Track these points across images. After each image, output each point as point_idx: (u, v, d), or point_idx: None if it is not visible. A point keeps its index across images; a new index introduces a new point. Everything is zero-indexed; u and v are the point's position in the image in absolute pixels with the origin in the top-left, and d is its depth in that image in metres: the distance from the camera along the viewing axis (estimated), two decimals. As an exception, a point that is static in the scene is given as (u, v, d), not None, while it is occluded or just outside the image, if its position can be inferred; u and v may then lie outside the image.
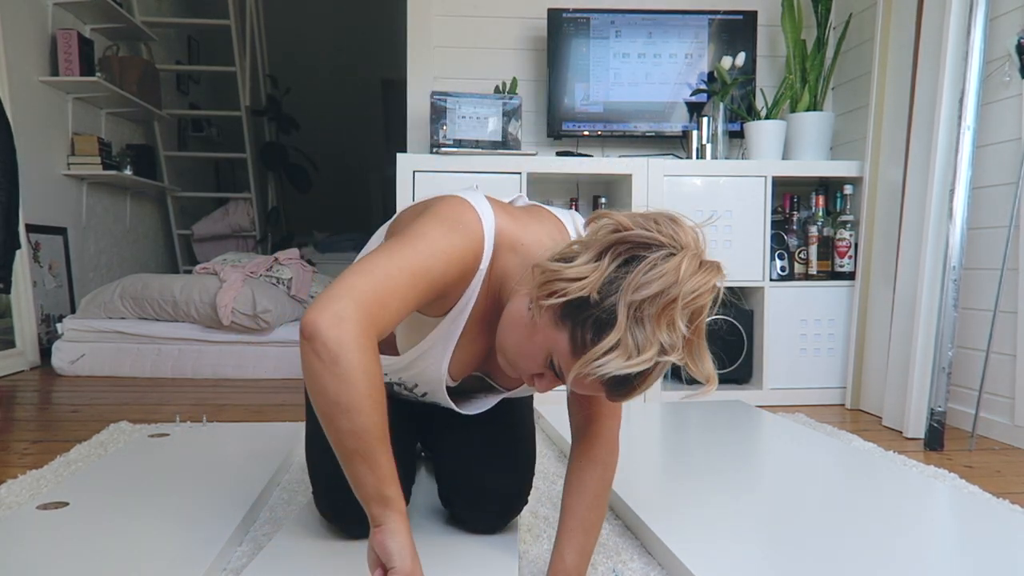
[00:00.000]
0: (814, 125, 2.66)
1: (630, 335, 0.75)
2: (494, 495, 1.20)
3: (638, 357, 0.75)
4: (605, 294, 0.77)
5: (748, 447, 1.78)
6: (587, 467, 1.05)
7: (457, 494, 1.23)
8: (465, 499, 1.22)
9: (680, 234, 0.79)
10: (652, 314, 0.75)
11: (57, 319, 3.24)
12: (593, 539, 1.05)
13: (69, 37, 3.47)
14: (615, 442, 1.07)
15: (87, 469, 1.57)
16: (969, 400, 2.08)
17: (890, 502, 1.37)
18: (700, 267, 0.78)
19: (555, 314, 0.80)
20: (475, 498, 1.21)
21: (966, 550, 1.17)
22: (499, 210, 0.96)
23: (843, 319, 2.56)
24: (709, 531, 1.21)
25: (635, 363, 0.75)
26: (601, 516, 1.06)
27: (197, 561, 1.09)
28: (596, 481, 1.05)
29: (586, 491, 1.04)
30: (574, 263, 0.79)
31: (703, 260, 0.79)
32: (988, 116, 2.07)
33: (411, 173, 2.45)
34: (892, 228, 2.34)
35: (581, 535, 1.04)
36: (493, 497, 1.20)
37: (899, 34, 2.36)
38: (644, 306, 0.75)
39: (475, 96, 2.56)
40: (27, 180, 2.98)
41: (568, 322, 0.79)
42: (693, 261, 0.77)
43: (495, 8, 2.91)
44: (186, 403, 2.42)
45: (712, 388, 0.81)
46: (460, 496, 1.23)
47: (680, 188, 2.53)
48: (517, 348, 0.87)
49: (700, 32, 2.79)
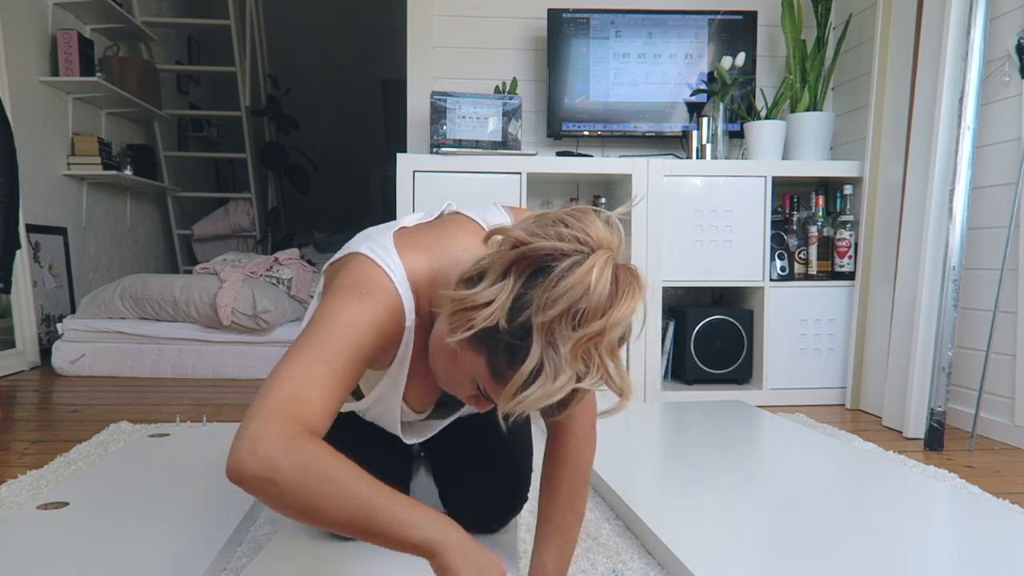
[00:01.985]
0: (814, 125, 2.66)
1: (547, 360, 0.71)
2: (493, 495, 1.20)
3: (554, 384, 0.71)
4: (514, 317, 0.72)
5: (748, 447, 1.78)
6: (558, 466, 1.00)
7: (456, 494, 1.23)
8: (464, 499, 1.22)
9: (590, 231, 0.73)
10: (565, 335, 0.70)
11: (57, 319, 3.24)
12: (572, 539, 1.02)
13: (69, 37, 3.47)
14: (588, 435, 1.01)
15: (87, 469, 1.57)
16: (969, 400, 2.08)
17: (890, 502, 1.37)
18: (615, 278, 0.72)
19: (471, 342, 0.77)
20: (474, 498, 1.21)
21: (966, 550, 1.17)
22: (407, 248, 0.89)
23: (843, 319, 2.56)
24: (709, 531, 1.21)
25: (555, 390, 0.71)
26: (579, 513, 1.01)
27: (197, 561, 1.09)
28: (569, 479, 1.00)
29: (560, 492, 1.00)
30: (479, 288, 0.74)
31: (617, 265, 0.73)
32: (988, 116, 2.07)
33: (411, 173, 2.46)
34: (892, 228, 2.34)
35: (559, 538, 1.00)
36: (492, 497, 1.20)
37: (899, 34, 2.36)
38: (554, 327, 0.70)
39: (475, 96, 2.56)
40: (27, 180, 2.99)
41: (484, 348, 0.75)
42: (605, 268, 0.71)
43: (495, 8, 2.91)
44: (186, 403, 2.42)
45: (626, 403, 0.76)
46: (459, 496, 1.23)
47: (680, 188, 2.53)
48: (446, 374, 0.85)
49: (700, 32, 2.80)
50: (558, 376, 0.71)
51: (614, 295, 0.71)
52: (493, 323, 0.73)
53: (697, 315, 2.58)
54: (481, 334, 0.75)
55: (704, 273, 2.55)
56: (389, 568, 1.08)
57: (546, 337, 0.71)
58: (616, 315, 0.71)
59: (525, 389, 0.72)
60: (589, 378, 0.72)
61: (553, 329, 0.70)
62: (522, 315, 0.72)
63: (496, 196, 2.47)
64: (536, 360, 0.71)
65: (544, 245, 0.72)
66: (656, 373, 2.52)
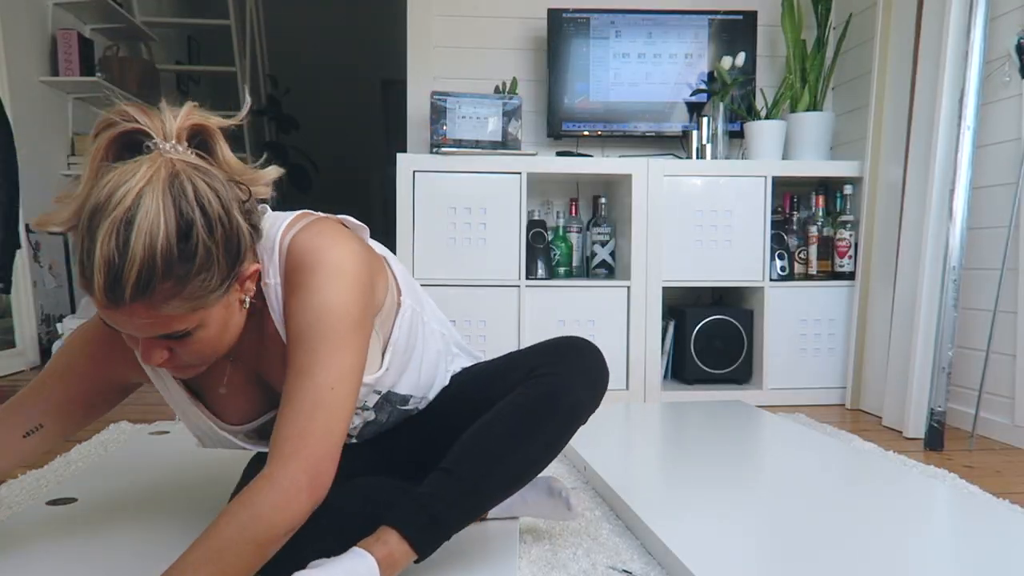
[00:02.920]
0: (814, 125, 2.66)
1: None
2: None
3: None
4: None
5: (748, 447, 1.78)
6: (231, 506, 0.84)
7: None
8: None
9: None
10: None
11: (57, 319, 3.24)
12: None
13: (69, 37, 3.47)
14: (292, 495, 0.83)
15: (91, 466, 1.58)
16: (969, 400, 2.08)
17: (890, 502, 1.37)
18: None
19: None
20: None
21: (966, 550, 1.17)
22: None
23: (843, 319, 2.56)
24: (709, 531, 1.21)
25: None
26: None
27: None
28: (226, 529, 0.82)
29: (208, 537, 0.83)
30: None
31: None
32: (988, 116, 2.07)
33: (411, 173, 2.46)
34: (892, 228, 2.34)
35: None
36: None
37: (899, 34, 2.36)
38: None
39: (475, 96, 2.56)
40: (27, 180, 2.98)
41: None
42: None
43: (495, 8, 2.91)
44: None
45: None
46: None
47: (680, 188, 2.53)
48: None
49: (700, 32, 2.80)
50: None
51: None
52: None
53: (697, 315, 2.58)
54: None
55: (704, 273, 2.55)
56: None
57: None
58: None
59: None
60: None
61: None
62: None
63: (496, 196, 2.47)
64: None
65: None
66: (656, 373, 2.52)
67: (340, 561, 0.90)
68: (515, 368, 1.10)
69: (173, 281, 0.77)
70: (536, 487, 1.24)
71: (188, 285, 0.78)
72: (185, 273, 0.77)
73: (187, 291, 0.78)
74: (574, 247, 2.76)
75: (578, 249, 2.79)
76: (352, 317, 0.89)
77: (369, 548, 0.92)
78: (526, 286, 2.49)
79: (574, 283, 2.53)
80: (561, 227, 2.73)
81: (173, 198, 0.76)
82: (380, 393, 1.08)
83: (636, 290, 2.51)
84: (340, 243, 0.92)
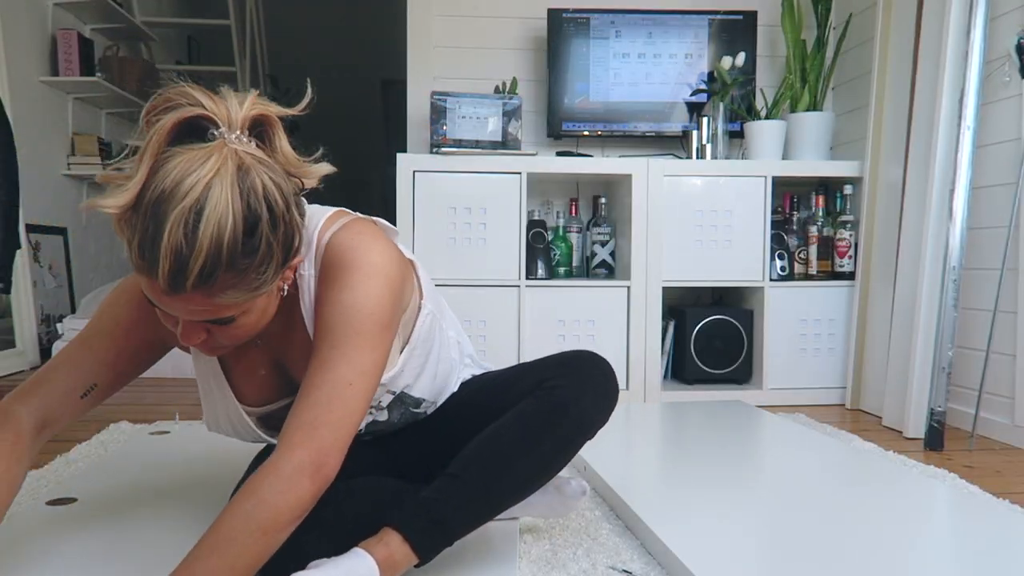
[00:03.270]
0: (814, 125, 2.66)
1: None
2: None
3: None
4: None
5: (748, 447, 1.78)
6: (237, 497, 0.85)
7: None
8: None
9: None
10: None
11: (57, 319, 3.24)
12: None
13: (69, 37, 3.47)
14: (294, 479, 0.83)
15: (91, 466, 1.58)
16: (969, 400, 2.08)
17: (890, 502, 1.37)
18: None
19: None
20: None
21: (966, 550, 1.17)
22: None
23: (843, 319, 2.56)
24: (709, 531, 1.21)
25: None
26: (216, 569, 0.81)
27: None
28: (232, 520, 0.83)
29: (212, 531, 0.83)
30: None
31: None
32: (988, 116, 2.07)
33: (411, 173, 2.46)
34: (892, 228, 2.34)
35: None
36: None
37: (899, 34, 2.36)
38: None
39: (475, 96, 2.56)
40: (27, 180, 2.98)
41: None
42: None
43: (495, 8, 2.91)
44: (186, 403, 2.42)
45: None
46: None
47: (680, 188, 2.53)
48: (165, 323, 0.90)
49: (700, 32, 2.80)
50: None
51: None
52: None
53: (697, 315, 2.58)
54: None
55: (704, 273, 2.55)
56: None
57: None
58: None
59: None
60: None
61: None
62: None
63: (496, 196, 2.47)
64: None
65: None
66: (656, 373, 2.52)
67: (340, 561, 0.90)
68: (525, 379, 1.10)
69: (234, 273, 0.78)
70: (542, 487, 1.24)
71: (246, 277, 0.79)
72: (246, 266, 0.78)
73: (244, 282, 0.80)
74: (574, 247, 2.76)
75: (578, 249, 2.79)
76: (381, 318, 0.90)
77: (370, 549, 0.92)
78: (526, 286, 2.49)
79: (574, 283, 2.53)
80: (561, 227, 2.73)
81: (241, 192, 0.77)
82: (394, 393, 1.09)
83: (636, 290, 2.51)
84: (378, 245, 0.93)
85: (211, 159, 0.77)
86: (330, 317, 0.90)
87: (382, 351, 0.91)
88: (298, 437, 0.85)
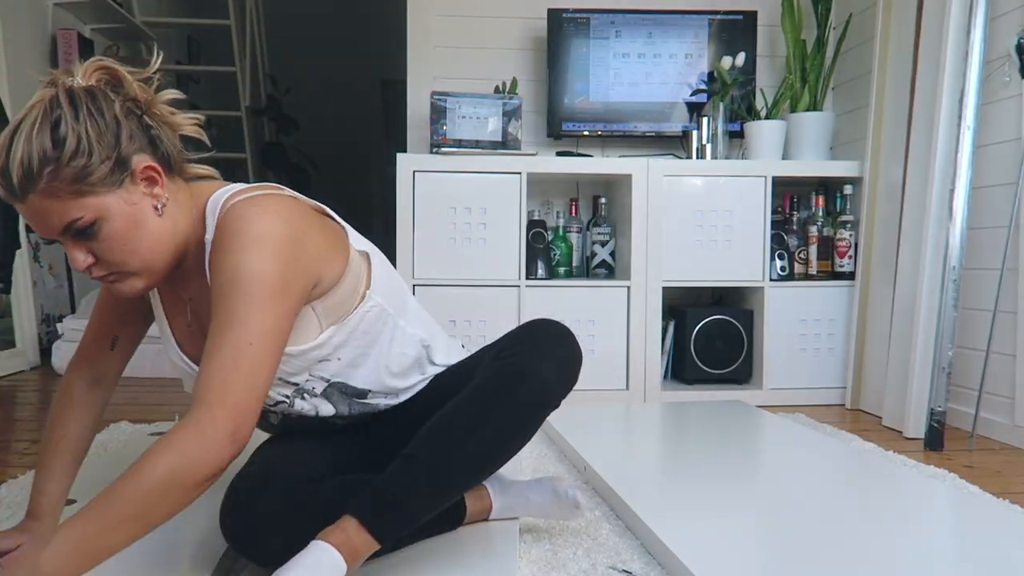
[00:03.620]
0: (814, 125, 2.66)
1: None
2: None
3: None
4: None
5: (748, 447, 1.78)
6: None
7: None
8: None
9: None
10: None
11: (57, 319, 3.24)
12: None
13: (69, 37, 3.47)
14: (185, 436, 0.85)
15: (92, 466, 1.58)
16: (969, 400, 2.08)
17: (890, 502, 1.37)
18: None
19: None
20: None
21: (966, 550, 1.17)
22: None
23: (843, 319, 2.56)
24: (709, 531, 1.21)
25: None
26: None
27: (203, 563, 1.09)
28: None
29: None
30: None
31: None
32: (988, 116, 2.07)
33: (411, 173, 2.46)
34: (892, 228, 2.34)
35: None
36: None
37: (899, 34, 2.36)
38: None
39: (475, 96, 2.56)
40: (27, 180, 2.98)
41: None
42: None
43: (495, 8, 2.91)
44: (186, 403, 2.42)
45: None
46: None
47: (680, 188, 2.53)
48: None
49: (700, 32, 2.80)
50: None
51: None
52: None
53: (697, 315, 2.58)
54: None
55: (704, 273, 2.55)
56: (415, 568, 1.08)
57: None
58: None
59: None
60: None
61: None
62: None
63: (496, 196, 2.47)
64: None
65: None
66: (656, 373, 2.52)
67: (302, 557, 0.92)
68: (486, 356, 1.12)
69: (53, 166, 0.86)
70: (541, 487, 1.24)
71: (66, 168, 0.86)
72: (59, 156, 0.86)
73: (66, 173, 0.86)
74: (574, 247, 2.76)
75: (578, 249, 2.79)
76: (269, 284, 0.90)
77: (326, 537, 0.93)
78: (526, 286, 2.49)
79: (574, 283, 2.53)
80: (561, 227, 2.73)
81: (50, 103, 0.88)
82: (328, 381, 1.09)
83: (636, 290, 2.51)
84: (271, 214, 0.94)
85: (36, 96, 0.89)
86: (219, 280, 0.91)
87: (275, 315, 0.90)
88: (212, 396, 0.85)
